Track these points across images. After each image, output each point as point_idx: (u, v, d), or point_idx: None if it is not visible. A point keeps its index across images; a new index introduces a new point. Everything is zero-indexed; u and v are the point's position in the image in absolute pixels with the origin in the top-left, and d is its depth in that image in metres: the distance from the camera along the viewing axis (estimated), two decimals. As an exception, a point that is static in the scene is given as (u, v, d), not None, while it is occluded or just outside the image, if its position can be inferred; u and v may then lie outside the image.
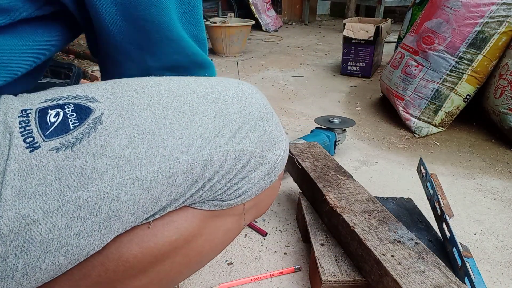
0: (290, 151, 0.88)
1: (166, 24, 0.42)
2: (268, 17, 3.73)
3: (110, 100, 0.35)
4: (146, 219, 0.36)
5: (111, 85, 0.37)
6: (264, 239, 0.80)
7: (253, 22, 2.68)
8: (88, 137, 0.32)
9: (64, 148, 0.31)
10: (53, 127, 0.32)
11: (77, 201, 0.31)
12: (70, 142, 0.32)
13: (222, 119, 0.38)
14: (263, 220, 0.86)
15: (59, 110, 0.34)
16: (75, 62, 2.18)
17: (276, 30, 3.74)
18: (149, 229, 0.37)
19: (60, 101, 0.34)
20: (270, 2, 3.80)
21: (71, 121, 0.33)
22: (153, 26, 0.41)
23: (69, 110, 0.34)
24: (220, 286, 0.66)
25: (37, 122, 0.32)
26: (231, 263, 0.72)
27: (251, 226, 0.83)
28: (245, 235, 0.80)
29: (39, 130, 0.32)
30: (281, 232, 0.82)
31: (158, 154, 0.34)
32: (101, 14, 0.39)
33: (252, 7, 3.58)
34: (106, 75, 0.48)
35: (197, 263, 0.45)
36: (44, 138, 0.31)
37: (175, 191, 0.35)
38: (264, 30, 3.65)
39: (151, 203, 0.34)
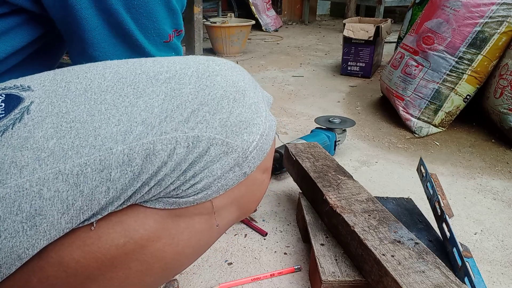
0: (289, 149, 0.88)
1: (103, 11, 0.40)
2: (268, 17, 3.73)
3: (45, 88, 0.32)
4: (88, 219, 0.32)
5: (55, 72, 0.34)
6: (264, 239, 0.80)
7: (253, 22, 2.68)
8: (12, 128, 0.30)
9: None
10: None
11: None
12: None
13: (173, 101, 0.33)
14: (263, 220, 0.86)
15: None
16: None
17: (276, 30, 3.74)
18: (93, 231, 0.33)
19: None
20: (270, 2, 3.79)
21: None
22: (88, 11, 0.40)
23: None
24: (220, 286, 0.66)
25: None
26: (231, 263, 0.72)
27: (251, 226, 0.83)
28: (245, 235, 0.81)
29: None
30: (281, 232, 0.82)
31: (87, 145, 0.30)
32: None
33: (252, 7, 3.57)
34: None
35: (163, 270, 0.39)
36: None
37: (112, 187, 0.31)
38: (264, 30, 3.65)
39: (85, 201, 0.30)
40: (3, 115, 0.30)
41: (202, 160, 0.34)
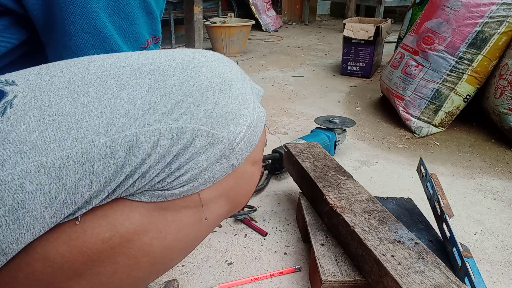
0: (289, 149, 0.88)
1: (82, 16, 0.40)
2: (268, 17, 3.73)
3: (29, 82, 0.32)
4: (72, 214, 0.31)
5: (40, 67, 0.34)
6: (264, 239, 0.80)
7: (253, 22, 2.68)
8: None
9: None
10: None
11: None
12: None
13: (157, 93, 0.33)
14: (263, 220, 0.86)
15: None
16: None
17: (276, 30, 3.74)
18: (78, 225, 0.32)
19: None
20: (270, 2, 3.79)
21: None
22: (69, 16, 0.40)
23: None
24: (220, 286, 0.66)
25: None
26: (231, 263, 0.72)
27: (251, 226, 0.83)
28: (245, 235, 0.80)
29: None
30: (281, 232, 0.82)
31: (69, 137, 0.30)
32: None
33: (252, 7, 3.58)
34: None
35: (151, 265, 0.38)
36: None
37: (96, 180, 0.31)
38: (264, 30, 3.65)
39: (68, 194, 0.30)
40: None
41: (187, 152, 0.33)
